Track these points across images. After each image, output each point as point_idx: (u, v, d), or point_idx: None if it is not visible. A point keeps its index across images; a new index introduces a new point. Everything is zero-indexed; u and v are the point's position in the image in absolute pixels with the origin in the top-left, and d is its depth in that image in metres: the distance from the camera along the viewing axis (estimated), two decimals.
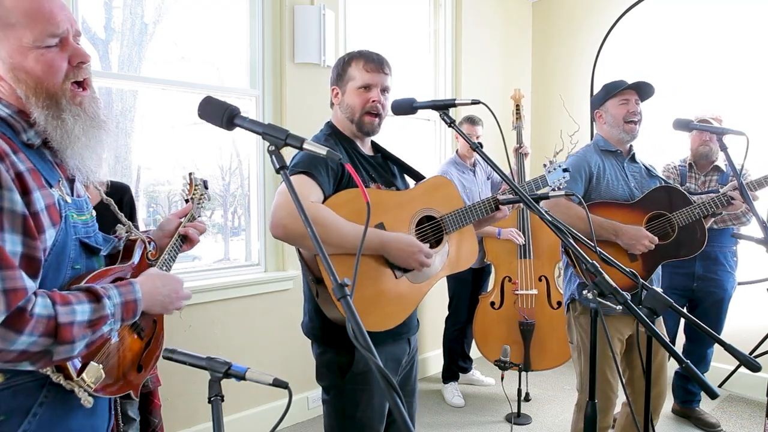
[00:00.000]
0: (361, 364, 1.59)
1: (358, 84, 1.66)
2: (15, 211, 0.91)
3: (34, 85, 0.99)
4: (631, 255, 2.23)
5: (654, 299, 1.21)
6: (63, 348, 0.92)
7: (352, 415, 1.62)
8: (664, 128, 2.41)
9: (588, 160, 2.34)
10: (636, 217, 2.27)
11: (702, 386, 1.11)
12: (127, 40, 2.84)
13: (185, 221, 1.46)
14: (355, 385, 1.61)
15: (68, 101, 1.02)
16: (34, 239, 0.93)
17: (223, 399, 1.11)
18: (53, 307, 0.91)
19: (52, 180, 1.02)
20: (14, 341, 0.87)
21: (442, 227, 1.71)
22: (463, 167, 3.62)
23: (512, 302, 3.51)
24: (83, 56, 1.04)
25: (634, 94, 2.33)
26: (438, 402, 3.66)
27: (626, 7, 4.22)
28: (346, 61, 1.71)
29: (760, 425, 3.23)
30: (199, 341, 2.84)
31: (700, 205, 2.24)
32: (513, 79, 4.67)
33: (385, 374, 0.77)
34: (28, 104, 0.99)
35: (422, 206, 1.70)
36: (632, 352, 2.32)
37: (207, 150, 3.22)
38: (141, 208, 3.06)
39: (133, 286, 1.07)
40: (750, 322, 3.52)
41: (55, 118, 1.01)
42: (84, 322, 0.95)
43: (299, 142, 1.00)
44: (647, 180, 2.39)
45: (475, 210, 1.75)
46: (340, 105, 1.71)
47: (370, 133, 1.73)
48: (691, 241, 2.26)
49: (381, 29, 4.00)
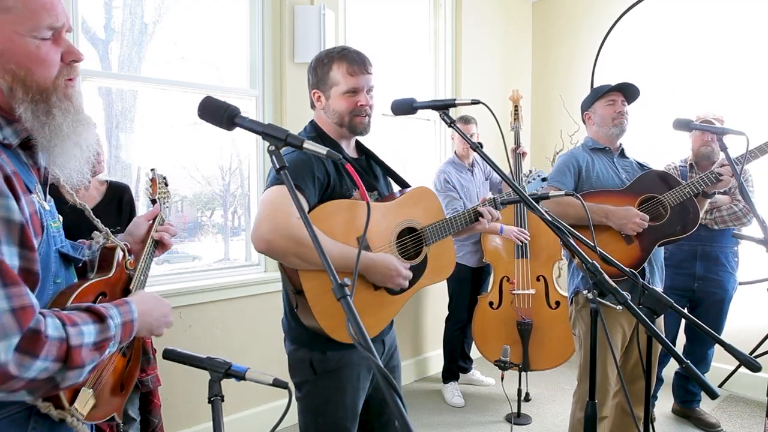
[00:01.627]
0: (333, 361, 1.60)
1: (343, 89, 1.62)
2: (12, 220, 0.82)
3: (24, 77, 0.89)
4: (626, 237, 2.27)
5: (654, 299, 1.22)
6: (72, 374, 0.84)
7: (323, 412, 1.62)
8: (664, 129, 2.42)
9: (576, 156, 2.44)
10: (628, 202, 2.32)
11: (702, 386, 1.11)
12: (127, 40, 2.84)
13: (156, 225, 1.37)
14: (327, 381, 1.61)
15: (59, 97, 0.94)
16: (31, 251, 0.86)
17: (223, 399, 1.11)
18: (63, 329, 0.83)
19: (30, 185, 0.93)
20: (29, 367, 0.78)
21: (422, 239, 1.74)
22: (461, 167, 3.63)
23: (510, 302, 3.51)
24: (77, 54, 0.97)
25: (620, 95, 2.43)
26: (438, 402, 3.66)
27: (626, 7, 4.22)
28: (325, 63, 1.64)
29: (760, 425, 3.23)
30: (199, 341, 2.84)
31: (689, 184, 2.29)
32: (513, 79, 4.67)
33: (385, 374, 0.77)
34: (12, 98, 0.90)
35: (404, 218, 1.72)
36: (630, 343, 2.38)
37: (207, 150, 3.22)
38: (141, 208, 3.06)
39: (130, 306, 1.01)
40: (750, 322, 3.52)
41: (44, 114, 0.92)
42: (91, 344, 0.87)
43: (299, 142, 1.00)
44: (639, 173, 2.42)
45: (454, 222, 1.79)
46: (324, 109, 1.67)
47: (363, 133, 1.70)
48: (685, 218, 2.30)
49: (381, 29, 4.00)
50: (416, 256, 1.73)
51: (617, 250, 2.26)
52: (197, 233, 3.34)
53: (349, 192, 1.62)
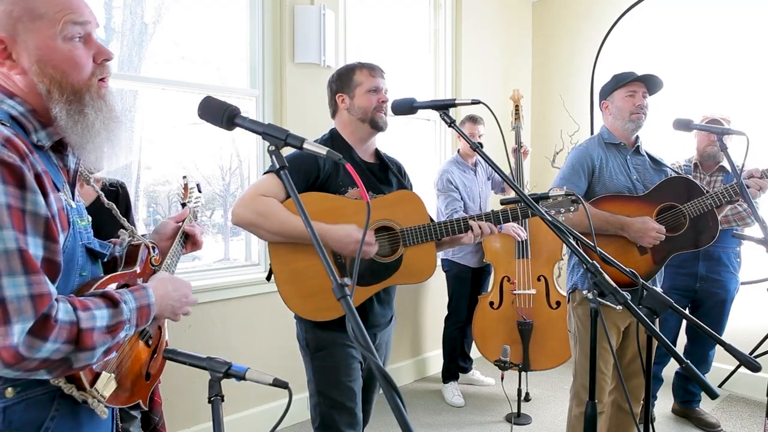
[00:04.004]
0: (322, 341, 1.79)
1: (366, 88, 1.85)
2: (38, 214, 0.89)
3: (60, 80, 0.96)
4: (640, 248, 2.21)
5: (654, 299, 1.22)
6: (84, 355, 0.90)
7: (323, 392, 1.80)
8: (665, 129, 2.41)
9: (590, 152, 2.34)
10: (646, 210, 2.25)
11: (702, 386, 1.11)
12: (127, 40, 2.84)
13: (186, 223, 1.44)
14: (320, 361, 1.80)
15: (92, 97, 1.01)
16: (55, 243, 0.92)
17: (223, 399, 1.11)
18: (75, 313, 0.89)
19: (58, 184, 0.99)
20: (39, 349, 0.84)
21: (399, 239, 1.80)
22: (465, 166, 3.63)
23: (510, 302, 3.51)
24: (107, 53, 1.03)
25: (642, 86, 2.30)
26: (438, 402, 3.66)
27: (626, 7, 4.22)
28: (349, 70, 1.89)
29: (760, 425, 3.23)
30: (199, 341, 2.84)
31: (712, 195, 2.20)
32: (513, 79, 4.67)
33: (385, 374, 0.77)
34: (49, 100, 0.97)
35: (382, 217, 1.80)
36: (625, 340, 2.38)
37: (207, 150, 3.22)
38: (141, 208, 3.06)
39: (147, 291, 1.06)
40: (750, 322, 3.52)
41: (77, 113, 0.99)
42: (103, 327, 0.93)
43: (299, 142, 1.00)
44: (651, 172, 2.37)
45: (439, 228, 1.80)
46: (349, 109, 1.87)
47: (383, 128, 1.88)
48: (704, 231, 2.22)
49: (381, 29, 4.00)
50: (392, 254, 1.80)
51: (629, 261, 2.20)
52: None
53: (343, 189, 1.77)
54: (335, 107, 1.92)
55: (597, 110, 4.44)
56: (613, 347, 1.49)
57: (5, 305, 0.83)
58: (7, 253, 0.84)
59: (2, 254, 0.84)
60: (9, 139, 0.88)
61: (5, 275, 0.84)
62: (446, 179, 3.51)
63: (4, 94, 0.96)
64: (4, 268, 0.84)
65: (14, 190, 0.86)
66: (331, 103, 1.94)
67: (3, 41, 0.94)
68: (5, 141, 0.87)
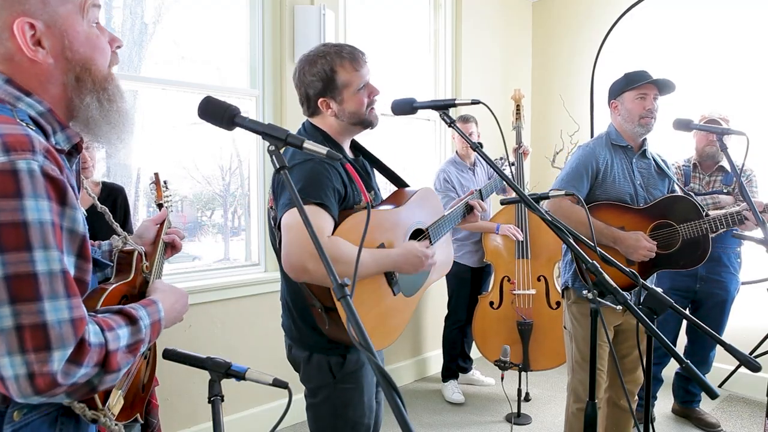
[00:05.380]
0: (352, 364, 1.60)
1: (356, 87, 1.58)
2: (76, 232, 0.84)
3: (90, 67, 0.91)
4: (628, 259, 2.23)
5: (654, 300, 1.22)
6: (109, 377, 0.85)
7: (343, 414, 1.62)
8: (666, 129, 2.40)
9: (596, 154, 2.29)
10: (642, 223, 2.25)
11: (702, 386, 1.11)
12: (127, 40, 2.84)
13: (165, 228, 1.41)
14: (345, 384, 1.61)
15: (115, 84, 0.97)
16: (87, 262, 0.88)
17: (223, 399, 1.11)
18: (102, 334, 0.84)
19: (77, 192, 0.93)
20: (74, 375, 0.79)
21: (429, 239, 1.76)
22: (463, 167, 3.63)
23: (510, 302, 3.51)
24: (119, 40, 0.99)
25: (653, 89, 2.24)
26: (438, 402, 3.66)
27: (626, 7, 4.22)
28: (325, 67, 1.56)
29: (760, 425, 3.23)
30: (199, 341, 2.84)
31: (709, 221, 2.19)
32: (513, 79, 4.67)
33: (385, 374, 0.77)
34: (79, 89, 0.91)
35: (414, 220, 1.76)
36: (617, 337, 2.40)
37: (207, 150, 3.22)
38: (141, 208, 3.06)
39: (157, 306, 1.02)
40: (750, 322, 3.52)
41: (107, 101, 0.94)
42: (125, 347, 0.88)
43: (299, 142, 1.00)
44: (655, 178, 2.36)
45: (451, 217, 1.83)
46: (338, 114, 1.60)
47: (374, 125, 1.67)
48: (692, 255, 2.24)
49: (381, 29, 4.00)
50: None
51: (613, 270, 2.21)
52: (197, 233, 3.34)
53: (360, 198, 1.59)
54: (314, 110, 1.62)
55: (597, 110, 4.44)
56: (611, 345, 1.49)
57: (47, 330, 0.77)
58: (52, 275, 0.79)
59: (47, 276, 0.78)
60: (49, 150, 0.82)
61: (47, 298, 0.78)
62: (443, 178, 3.52)
63: (20, 92, 0.88)
64: (47, 291, 0.78)
65: (57, 207, 0.81)
66: (308, 104, 1.63)
67: (33, 27, 0.86)
68: (46, 152, 0.81)
